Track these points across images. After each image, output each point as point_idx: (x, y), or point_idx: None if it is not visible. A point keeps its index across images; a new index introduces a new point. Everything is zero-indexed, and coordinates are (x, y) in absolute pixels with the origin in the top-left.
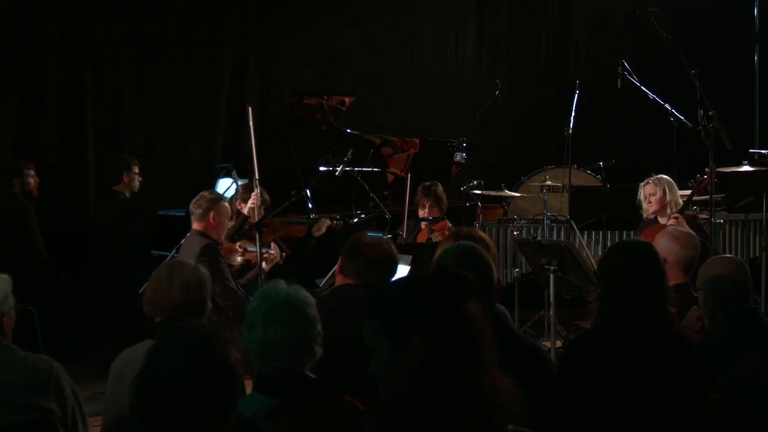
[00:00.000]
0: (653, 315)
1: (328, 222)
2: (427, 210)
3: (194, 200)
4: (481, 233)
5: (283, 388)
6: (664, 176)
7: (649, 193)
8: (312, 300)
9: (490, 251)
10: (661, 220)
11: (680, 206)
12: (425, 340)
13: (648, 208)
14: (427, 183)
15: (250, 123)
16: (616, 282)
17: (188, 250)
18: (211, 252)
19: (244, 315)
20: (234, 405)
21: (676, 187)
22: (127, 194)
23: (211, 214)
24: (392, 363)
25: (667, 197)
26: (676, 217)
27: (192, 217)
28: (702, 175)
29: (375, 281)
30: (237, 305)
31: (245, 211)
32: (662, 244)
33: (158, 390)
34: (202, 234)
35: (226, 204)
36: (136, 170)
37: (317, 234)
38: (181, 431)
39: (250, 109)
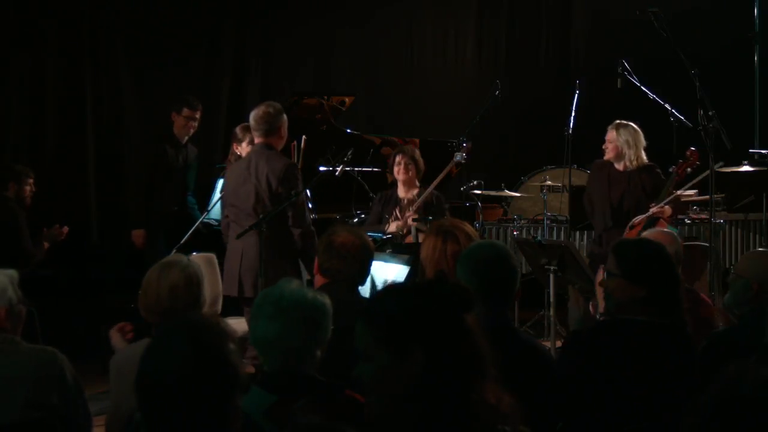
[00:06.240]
0: (672, 314)
1: None
2: (402, 168)
3: (256, 114)
4: (465, 225)
5: (284, 385)
6: (631, 125)
7: (608, 139)
8: (320, 304)
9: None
10: (617, 166)
11: (642, 160)
12: (426, 351)
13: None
14: (403, 145)
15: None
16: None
17: (264, 165)
18: (295, 174)
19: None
20: (232, 399)
21: (639, 139)
22: None
23: (281, 130)
24: (390, 371)
25: (625, 148)
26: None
27: (256, 132)
28: (682, 160)
29: (356, 273)
30: (307, 234)
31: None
32: None
33: (155, 386)
34: (270, 147)
35: (282, 118)
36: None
37: None
38: (183, 427)
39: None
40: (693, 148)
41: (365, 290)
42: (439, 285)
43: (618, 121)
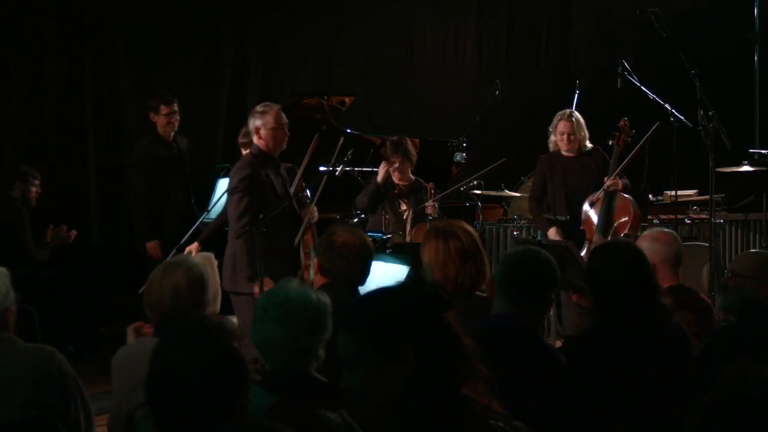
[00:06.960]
0: (648, 311)
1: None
2: (398, 170)
3: None
4: (462, 223)
5: (285, 384)
6: (578, 114)
7: (567, 131)
8: (323, 305)
9: (477, 243)
10: (567, 154)
11: (586, 146)
12: (416, 350)
13: (561, 145)
14: (394, 138)
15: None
16: (607, 284)
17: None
18: (235, 171)
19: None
20: (242, 393)
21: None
22: None
23: (256, 131)
24: (381, 375)
25: (583, 137)
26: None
27: None
28: (617, 132)
29: (357, 273)
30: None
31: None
32: (646, 249)
33: (165, 385)
34: (257, 148)
35: (263, 119)
36: None
37: None
38: (193, 423)
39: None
40: (624, 118)
41: (365, 290)
42: (417, 286)
43: (569, 111)
